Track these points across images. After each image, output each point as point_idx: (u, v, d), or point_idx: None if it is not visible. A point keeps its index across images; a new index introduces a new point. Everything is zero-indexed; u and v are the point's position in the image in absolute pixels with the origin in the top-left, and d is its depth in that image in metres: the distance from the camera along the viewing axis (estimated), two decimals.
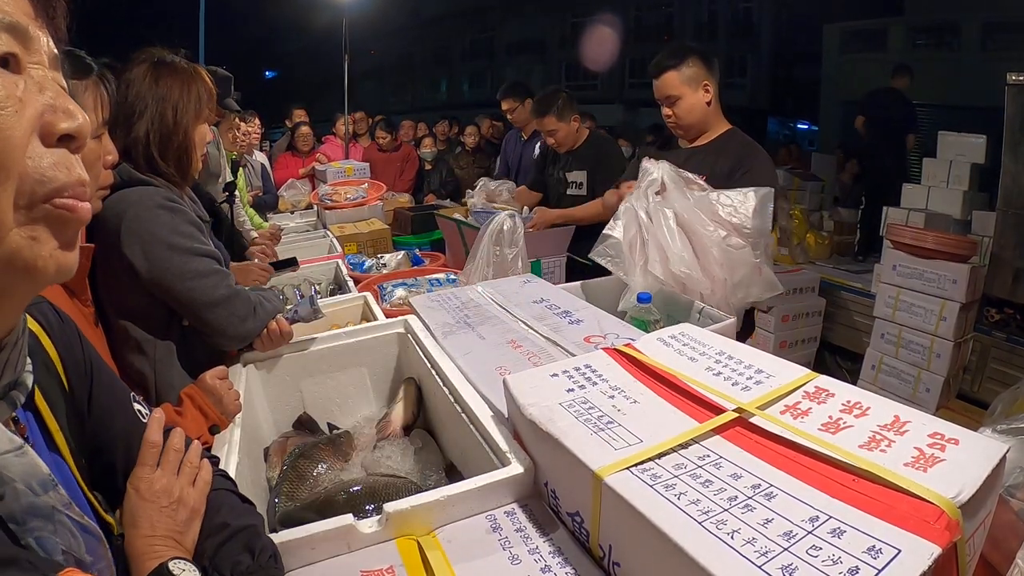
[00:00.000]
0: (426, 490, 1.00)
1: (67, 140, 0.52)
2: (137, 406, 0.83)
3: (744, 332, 1.72)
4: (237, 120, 3.41)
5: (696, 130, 2.26)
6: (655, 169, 1.85)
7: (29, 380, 0.58)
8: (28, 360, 0.59)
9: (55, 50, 0.54)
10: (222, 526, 0.78)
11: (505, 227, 2.07)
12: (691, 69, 2.17)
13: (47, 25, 0.53)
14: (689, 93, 2.18)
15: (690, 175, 1.85)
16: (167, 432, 0.83)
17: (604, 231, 1.88)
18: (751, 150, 2.15)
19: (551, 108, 3.16)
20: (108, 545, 0.63)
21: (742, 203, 1.75)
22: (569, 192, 3.29)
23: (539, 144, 3.69)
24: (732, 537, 0.63)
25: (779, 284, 1.78)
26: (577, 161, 3.29)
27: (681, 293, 1.75)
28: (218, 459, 1.00)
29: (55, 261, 0.51)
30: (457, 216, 3.44)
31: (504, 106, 4.11)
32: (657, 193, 1.82)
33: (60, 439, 0.66)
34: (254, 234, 3.29)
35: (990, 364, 3.66)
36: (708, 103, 2.20)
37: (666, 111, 2.25)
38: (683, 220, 1.76)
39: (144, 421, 0.82)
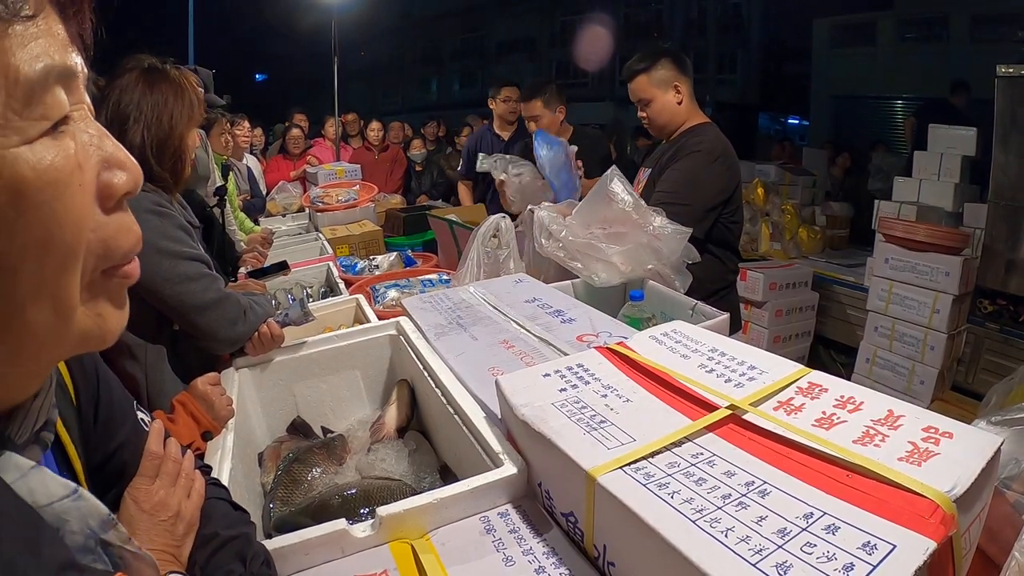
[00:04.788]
0: (420, 492, 0.99)
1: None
2: (140, 414, 0.82)
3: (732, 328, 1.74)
4: (227, 124, 3.40)
5: (667, 129, 2.32)
6: (538, 212, 1.95)
7: (55, 415, 0.55)
8: None
9: (85, 69, 0.45)
10: (212, 536, 0.78)
11: (497, 228, 2.06)
12: (661, 71, 2.23)
13: (75, 40, 0.45)
14: (659, 95, 2.25)
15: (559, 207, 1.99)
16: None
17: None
18: (692, 143, 2.19)
19: (540, 93, 3.19)
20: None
21: (604, 194, 1.83)
22: None
23: (523, 143, 3.66)
24: (726, 535, 0.63)
25: (683, 230, 1.79)
26: None
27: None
28: (210, 468, 0.99)
29: (119, 326, 0.49)
30: (449, 217, 3.43)
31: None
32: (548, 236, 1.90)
33: (77, 462, 0.65)
34: (242, 244, 3.28)
35: (984, 355, 3.67)
36: (679, 103, 2.25)
37: (640, 112, 2.33)
38: (579, 245, 1.83)
39: (146, 429, 0.80)
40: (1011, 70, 3.40)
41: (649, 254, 1.74)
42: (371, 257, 3.07)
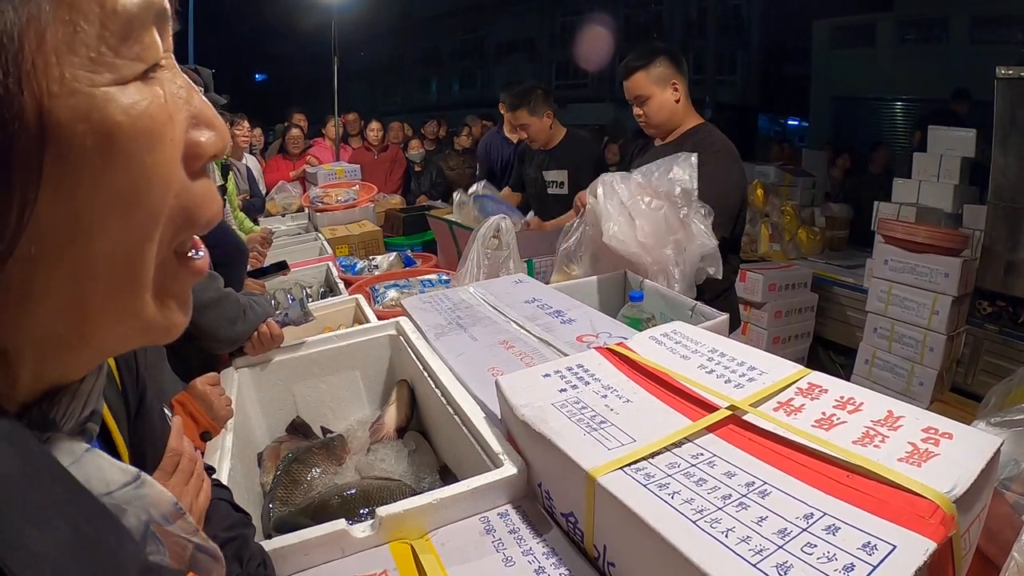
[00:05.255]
0: (420, 493, 0.99)
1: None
2: (165, 408, 0.81)
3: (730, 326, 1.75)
4: (227, 124, 3.40)
5: (665, 128, 2.31)
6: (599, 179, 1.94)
7: (102, 405, 0.50)
8: None
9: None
10: (211, 537, 0.77)
11: (497, 229, 2.06)
12: (659, 69, 2.22)
13: None
14: (658, 92, 2.24)
15: (631, 174, 1.93)
16: None
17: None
18: (708, 143, 2.17)
19: (524, 102, 3.16)
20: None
21: (666, 170, 1.81)
22: (550, 191, 3.27)
23: (524, 144, 3.68)
24: (726, 536, 0.63)
25: (712, 242, 1.79)
26: (555, 160, 3.28)
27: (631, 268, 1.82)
28: (214, 468, 0.99)
29: (183, 324, 0.45)
30: (449, 217, 3.44)
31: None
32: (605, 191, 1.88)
33: (124, 453, 0.61)
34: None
35: (983, 357, 3.67)
36: (677, 101, 2.25)
37: (637, 111, 2.31)
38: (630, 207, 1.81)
39: (170, 424, 0.78)
40: (1011, 72, 3.40)
41: (670, 242, 1.74)
42: (371, 257, 3.07)
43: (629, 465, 0.75)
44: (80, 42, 0.33)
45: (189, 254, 0.44)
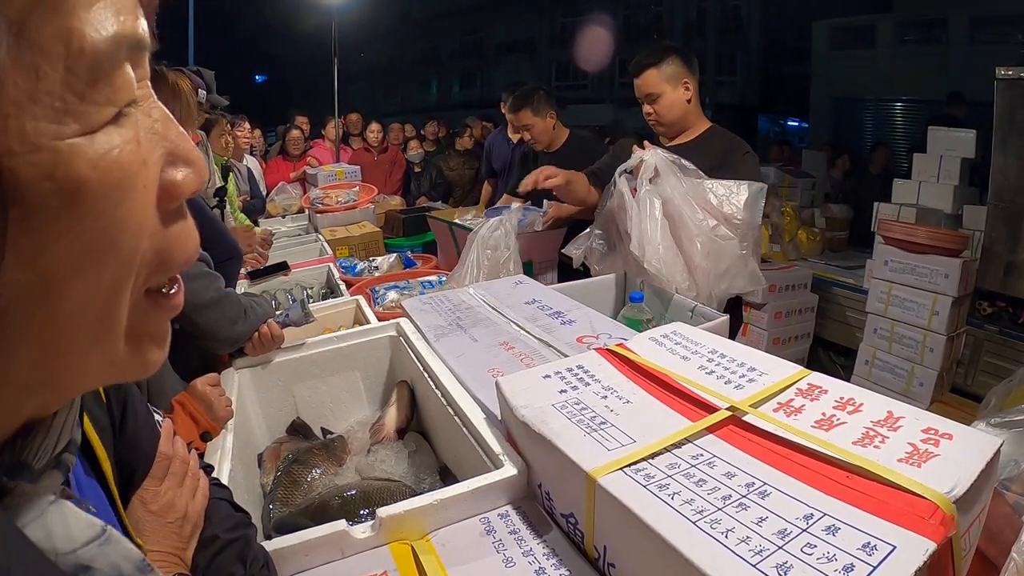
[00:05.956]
0: (420, 493, 0.99)
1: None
2: (156, 416, 0.81)
3: (733, 325, 1.74)
4: (227, 125, 3.40)
5: (677, 127, 2.28)
6: (648, 155, 1.87)
7: (79, 433, 0.47)
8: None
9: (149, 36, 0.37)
10: (212, 539, 0.77)
11: (496, 231, 2.07)
12: (671, 67, 2.19)
13: None
14: (669, 91, 2.21)
15: (685, 161, 1.86)
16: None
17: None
18: (736, 145, 2.16)
19: (527, 102, 3.17)
20: None
21: (734, 194, 1.78)
22: (555, 193, 3.27)
23: (523, 145, 3.69)
24: (726, 536, 0.63)
25: (763, 278, 1.81)
26: (559, 161, 3.26)
27: (658, 284, 1.78)
28: (212, 467, 0.99)
29: (161, 359, 0.43)
30: (449, 218, 3.44)
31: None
32: (651, 180, 1.83)
33: (106, 465, 0.59)
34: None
35: (983, 357, 3.67)
36: (688, 100, 2.22)
37: (647, 109, 2.28)
38: (671, 208, 1.78)
39: (160, 431, 0.78)
40: (1010, 72, 3.40)
41: (724, 272, 1.75)
42: (371, 258, 3.07)
43: (629, 466, 0.76)
44: (43, 90, 0.29)
45: (164, 290, 0.42)
